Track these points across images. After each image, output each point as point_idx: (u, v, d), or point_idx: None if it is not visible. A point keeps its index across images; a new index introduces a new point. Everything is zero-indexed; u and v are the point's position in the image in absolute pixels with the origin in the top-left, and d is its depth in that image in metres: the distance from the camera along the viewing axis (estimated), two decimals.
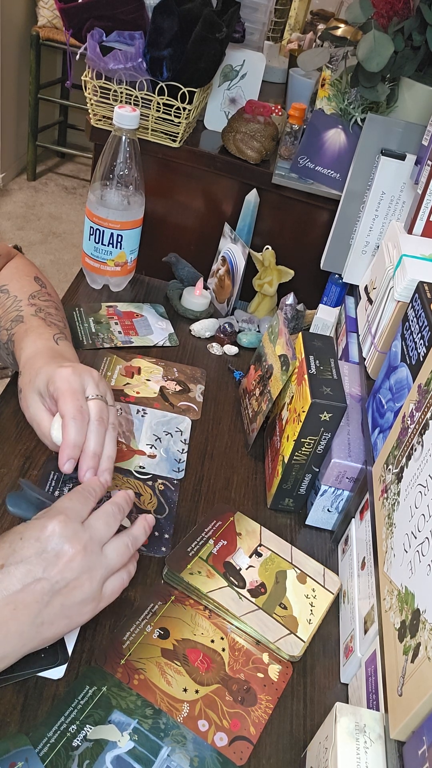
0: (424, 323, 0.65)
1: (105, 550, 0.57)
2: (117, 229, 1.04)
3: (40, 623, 0.53)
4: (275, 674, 0.66)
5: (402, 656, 0.50)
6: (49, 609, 0.54)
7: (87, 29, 1.03)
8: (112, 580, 0.58)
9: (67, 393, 0.68)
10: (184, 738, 0.58)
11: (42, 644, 0.55)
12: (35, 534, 0.55)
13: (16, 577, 0.53)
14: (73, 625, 0.56)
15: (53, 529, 0.55)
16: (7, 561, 0.53)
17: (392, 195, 0.93)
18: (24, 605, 0.52)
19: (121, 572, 0.59)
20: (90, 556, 0.56)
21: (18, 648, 0.53)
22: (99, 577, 0.56)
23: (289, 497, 0.83)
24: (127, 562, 0.60)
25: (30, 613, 0.53)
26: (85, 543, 0.56)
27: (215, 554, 0.74)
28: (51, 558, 0.54)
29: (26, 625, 0.53)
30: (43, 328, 0.79)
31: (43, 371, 0.71)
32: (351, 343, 0.94)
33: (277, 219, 1.18)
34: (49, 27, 3.15)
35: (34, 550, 0.54)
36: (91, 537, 0.56)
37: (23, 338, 0.78)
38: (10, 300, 0.83)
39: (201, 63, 1.04)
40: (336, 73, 1.06)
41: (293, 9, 2.00)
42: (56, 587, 0.54)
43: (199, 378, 1.00)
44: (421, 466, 0.56)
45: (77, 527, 0.56)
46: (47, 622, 0.54)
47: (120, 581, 0.59)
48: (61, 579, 0.54)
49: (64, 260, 2.95)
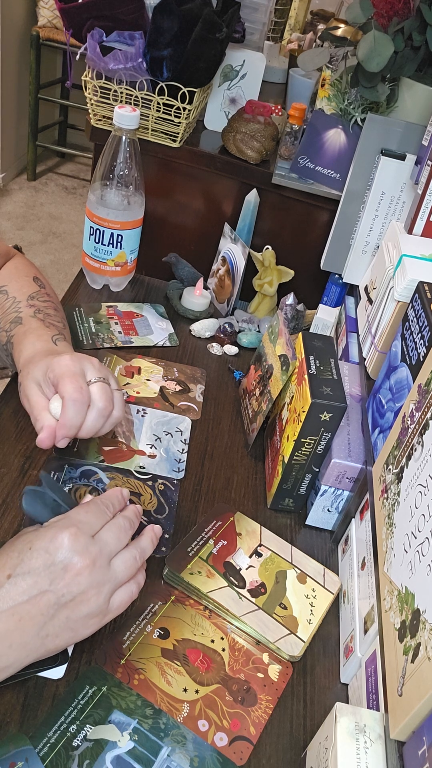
0: (424, 323, 0.65)
1: (113, 563, 0.57)
2: (117, 229, 1.04)
3: (44, 635, 0.53)
4: (275, 674, 0.66)
5: (402, 656, 0.50)
6: (54, 621, 0.53)
7: (87, 29, 1.03)
8: (119, 593, 0.57)
9: (66, 375, 0.69)
10: (184, 738, 0.58)
11: (45, 655, 0.55)
12: (44, 545, 0.54)
13: (23, 588, 0.52)
14: (78, 637, 0.56)
15: (63, 542, 0.54)
16: (14, 571, 0.53)
17: (392, 195, 0.93)
18: (29, 617, 0.52)
19: (130, 584, 0.58)
20: (98, 571, 0.55)
21: (21, 658, 0.53)
22: (106, 591, 0.56)
23: (289, 497, 0.83)
24: (135, 573, 0.59)
25: (35, 624, 0.52)
26: (94, 557, 0.55)
27: (215, 554, 0.74)
28: (58, 571, 0.53)
29: (30, 636, 0.53)
30: (41, 329, 0.79)
31: (42, 362, 0.72)
32: (351, 343, 0.94)
33: (277, 219, 1.18)
34: (49, 27, 3.15)
35: (42, 561, 0.53)
36: (101, 551, 0.56)
37: (22, 340, 0.78)
38: (9, 301, 0.83)
39: (201, 63, 1.04)
40: (336, 73, 1.06)
41: (293, 9, 2.00)
42: (62, 600, 0.53)
43: (199, 378, 1.00)
44: (421, 466, 0.56)
45: (87, 541, 0.55)
46: (52, 635, 0.54)
47: (128, 594, 0.58)
48: (67, 592, 0.53)
49: (64, 260, 2.95)
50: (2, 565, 0.54)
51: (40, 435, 0.70)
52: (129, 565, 0.58)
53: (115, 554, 0.57)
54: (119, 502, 0.61)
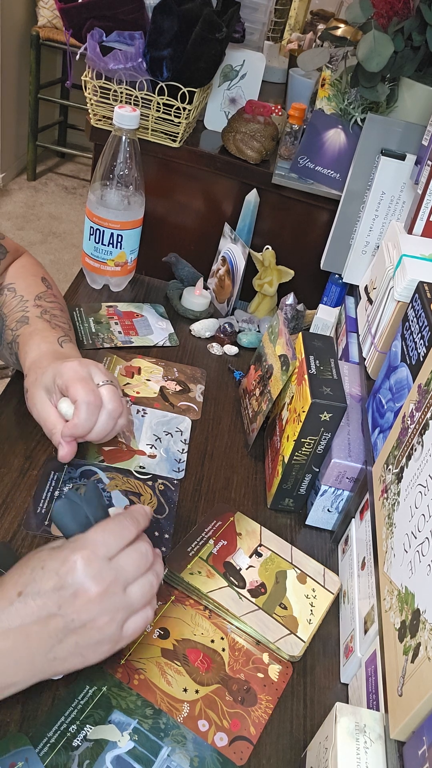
0: (424, 323, 0.65)
1: (129, 590, 0.54)
2: (117, 229, 1.04)
3: (52, 658, 0.51)
4: (275, 674, 0.66)
5: (402, 656, 0.50)
6: (62, 645, 0.51)
7: (87, 29, 1.03)
8: (134, 619, 0.54)
9: (77, 380, 0.69)
10: (184, 738, 0.58)
11: (53, 676, 0.54)
12: (56, 566, 0.52)
13: (32, 608, 0.50)
14: (87, 662, 0.53)
15: (75, 565, 0.51)
16: (25, 589, 0.51)
17: (392, 195, 0.93)
18: (38, 638, 0.50)
19: (146, 609, 0.55)
20: (111, 598, 0.52)
21: (28, 677, 0.52)
22: (119, 619, 0.53)
23: (289, 497, 0.83)
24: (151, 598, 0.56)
25: (43, 646, 0.51)
26: (108, 584, 0.52)
27: (215, 554, 0.74)
28: (68, 596, 0.51)
29: (38, 656, 0.51)
30: (47, 330, 0.79)
31: (50, 368, 0.72)
32: (351, 343, 0.94)
33: (277, 219, 1.18)
34: (49, 27, 3.15)
35: (52, 584, 0.51)
36: (116, 578, 0.53)
37: (28, 341, 0.78)
38: (17, 300, 0.83)
39: (201, 63, 1.04)
40: (336, 73, 1.06)
41: (293, 9, 2.00)
42: (71, 626, 0.51)
43: (199, 378, 1.00)
44: (421, 466, 0.56)
45: (102, 565, 0.52)
46: (60, 658, 0.52)
47: (143, 620, 0.55)
48: (77, 618, 0.51)
49: (64, 260, 2.95)
50: (15, 582, 0.52)
51: (61, 452, 0.71)
52: (146, 592, 0.55)
53: (132, 581, 0.54)
54: (145, 520, 0.58)
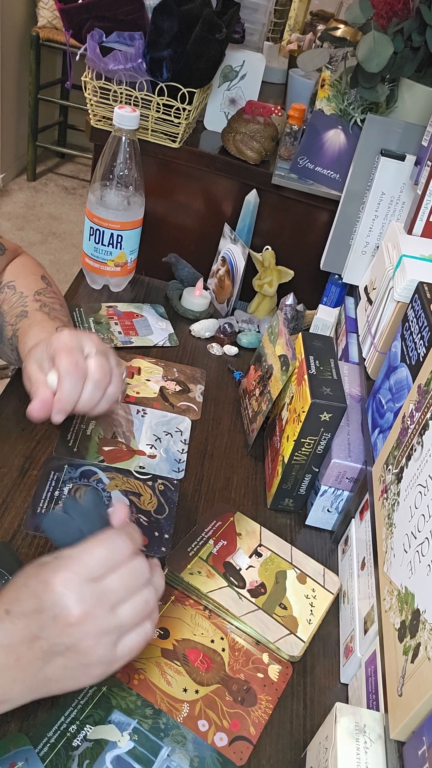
0: (424, 323, 0.65)
1: (119, 610, 0.50)
2: (117, 229, 1.04)
3: (44, 678, 0.49)
4: (275, 674, 0.66)
5: (402, 656, 0.50)
6: (51, 667, 0.49)
7: (87, 30, 1.03)
8: (130, 637, 0.51)
9: (63, 350, 0.68)
10: (184, 738, 0.58)
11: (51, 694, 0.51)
12: (37, 588, 0.49)
13: (18, 627, 0.48)
14: (81, 685, 0.51)
15: (54, 588, 0.48)
16: (11, 608, 0.49)
17: (392, 195, 0.93)
18: (26, 658, 0.48)
19: (143, 626, 0.52)
20: (94, 621, 0.49)
21: (26, 695, 0.50)
22: (107, 642, 0.49)
23: (289, 497, 0.83)
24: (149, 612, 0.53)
25: (32, 667, 0.48)
26: (91, 607, 0.48)
27: (215, 554, 0.74)
28: (47, 619, 0.48)
29: (31, 676, 0.49)
30: (46, 321, 0.79)
31: (43, 343, 0.71)
32: (351, 343, 0.94)
33: (277, 219, 1.18)
34: (49, 27, 3.15)
35: (32, 605, 0.48)
36: (100, 600, 0.49)
37: (27, 332, 0.78)
38: (17, 296, 0.83)
39: (201, 63, 1.04)
40: (336, 74, 1.06)
41: (293, 9, 2.00)
42: (56, 649, 0.48)
43: (199, 378, 1.00)
44: (421, 467, 0.56)
45: (83, 588, 0.49)
46: (53, 679, 0.50)
47: (141, 637, 0.52)
48: (59, 642, 0.48)
49: (64, 260, 2.95)
50: (7, 598, 0.50)
51: (31, 404, 0.68)
52: (139, 611, 0.51)
53: (123, 600, 0.50)
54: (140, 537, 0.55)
